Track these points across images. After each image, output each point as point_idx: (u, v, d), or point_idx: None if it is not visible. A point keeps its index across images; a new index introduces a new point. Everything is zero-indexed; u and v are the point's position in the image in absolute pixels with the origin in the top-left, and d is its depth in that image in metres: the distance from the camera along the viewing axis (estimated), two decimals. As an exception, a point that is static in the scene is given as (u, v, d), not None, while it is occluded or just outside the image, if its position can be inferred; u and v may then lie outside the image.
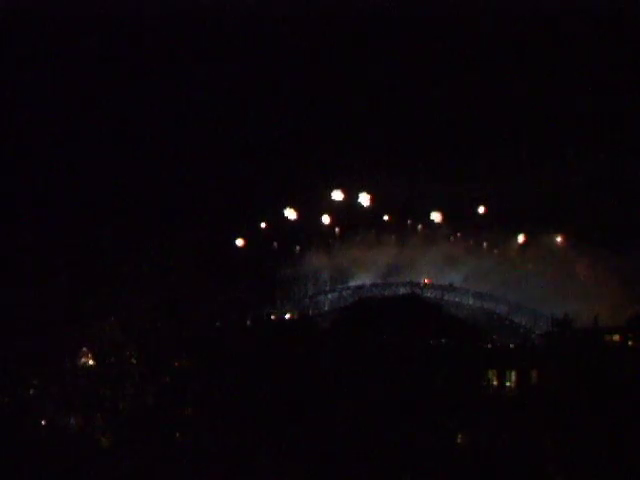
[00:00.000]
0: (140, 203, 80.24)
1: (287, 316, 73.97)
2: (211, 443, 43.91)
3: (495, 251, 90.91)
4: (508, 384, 52.09)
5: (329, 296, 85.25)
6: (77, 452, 43.01)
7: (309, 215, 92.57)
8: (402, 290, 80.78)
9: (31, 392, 46.25)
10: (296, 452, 42.92)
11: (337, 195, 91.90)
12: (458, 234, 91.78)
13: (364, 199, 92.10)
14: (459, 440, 45.28)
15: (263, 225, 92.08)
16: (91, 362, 48.07)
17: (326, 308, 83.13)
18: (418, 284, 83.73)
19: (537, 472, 42.13)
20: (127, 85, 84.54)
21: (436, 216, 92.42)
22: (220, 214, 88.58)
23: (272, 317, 66.71)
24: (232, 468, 42.33)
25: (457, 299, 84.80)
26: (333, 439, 42.65)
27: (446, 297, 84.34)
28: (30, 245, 56.40)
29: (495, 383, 51.55)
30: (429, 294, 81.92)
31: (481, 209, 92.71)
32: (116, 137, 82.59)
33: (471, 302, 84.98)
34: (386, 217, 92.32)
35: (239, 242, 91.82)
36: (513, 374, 52.37)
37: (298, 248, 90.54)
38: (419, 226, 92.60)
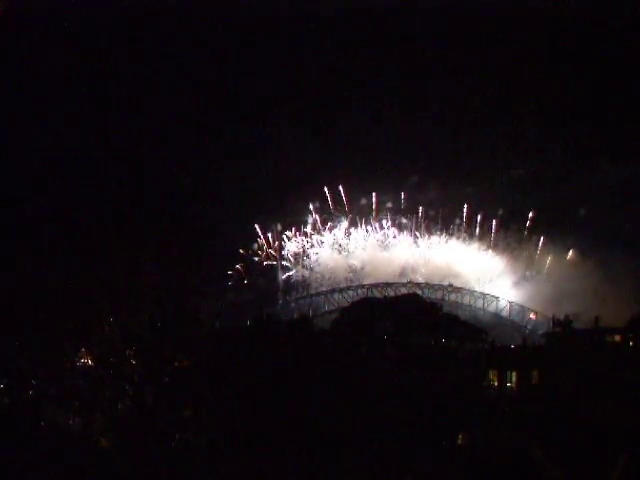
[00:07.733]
0: (140, 202, 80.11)
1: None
2: (211, 443, 43.88)
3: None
4: (509, 385, 52.12)
5: (330, 296, 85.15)
6: (77, 452, 42.93)
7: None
8: (402, 290, 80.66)
9: (30, 393, 46.19)
10: (296, 453, 42.88)
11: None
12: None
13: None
14: (459, 440, 45.29)
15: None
16: (90, 362, 48.01)
17: (327, 308, 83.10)
18: (418, 284, 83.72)
19: (537, 472, 42.07)
20: (129, 87, 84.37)
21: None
22: (226, 214, 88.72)
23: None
24: (232, 468, 42.30)
25: (458, 299, 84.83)
26: (333, 439, 42.62)
27: (446, 297, 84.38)
28: (29, 244, 56.27)
29: (496, 384, 51.62)
30: (429, 294, 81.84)
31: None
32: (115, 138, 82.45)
33: (472, 302, 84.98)
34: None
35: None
36: (514, 374, 52.39)
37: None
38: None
